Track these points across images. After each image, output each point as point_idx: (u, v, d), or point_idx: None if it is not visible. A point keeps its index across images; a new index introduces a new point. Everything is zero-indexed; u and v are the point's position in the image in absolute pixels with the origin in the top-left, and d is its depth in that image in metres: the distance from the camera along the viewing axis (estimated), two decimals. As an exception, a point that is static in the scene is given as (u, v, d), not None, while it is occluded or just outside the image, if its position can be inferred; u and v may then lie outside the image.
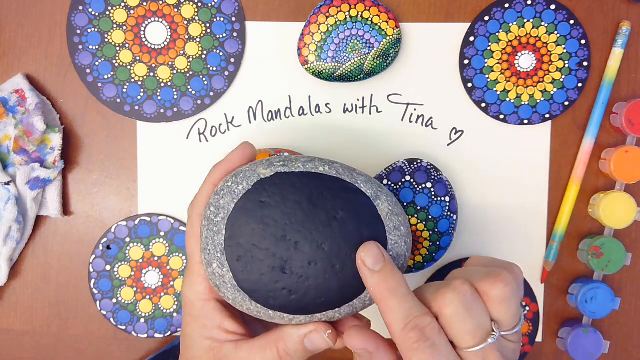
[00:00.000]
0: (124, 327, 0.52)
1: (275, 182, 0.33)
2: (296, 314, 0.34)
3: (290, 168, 0.34)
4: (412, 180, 0.48)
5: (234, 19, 0.50)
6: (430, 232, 0.48)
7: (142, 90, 0.50)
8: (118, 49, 0.50)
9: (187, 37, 0.50)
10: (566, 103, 0.50)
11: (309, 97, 0.51)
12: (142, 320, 0.51)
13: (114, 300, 0.51)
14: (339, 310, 0.34)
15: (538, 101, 0.50)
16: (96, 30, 0.50)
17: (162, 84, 0.50)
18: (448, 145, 0.51)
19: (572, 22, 0.50)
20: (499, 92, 0.50)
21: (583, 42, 0.50)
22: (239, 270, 0.33)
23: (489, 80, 0.50)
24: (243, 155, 0.36)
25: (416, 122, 0.51)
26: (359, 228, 0.33)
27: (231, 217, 0.33)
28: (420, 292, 0.32)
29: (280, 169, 0.34)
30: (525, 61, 0.50)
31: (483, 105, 0.50)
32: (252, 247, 0.33)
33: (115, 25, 0.50)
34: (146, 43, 0.50)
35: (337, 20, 0.49)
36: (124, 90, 0.50)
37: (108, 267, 0.51)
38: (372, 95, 0.51)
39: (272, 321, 0.35)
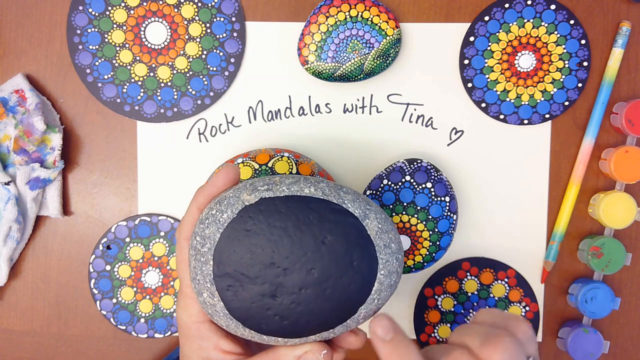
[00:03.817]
0: (124, 327, 0.52)
1: (260, 208, 0.33)
2: (289, 337, 0.34)
3: (274, 192, 0.33)
4: (412, 180, 0.48)
5: (234, 19, 0.50)
6: (430, 232, 0.48)
7: (142, 90, 0.50)
8: (118, 49, 0.50)
9: (187, 37, 0.50)
10: (566, 103, 0.50)
11: (309, 97, 0.51)
12: (142, 320, 0.51)
13: (114, 300, 0.51)
14: (332, 330, 0.34)
15: (538, 101, 0.50)
16: (96, 30, 0.50)
17: (162, 84, 0.50)
18: (448, 145, 0.51)
19: (572, 22, 0.50)
20: (499, 92, 0.50)
21: (583, 42, 0.50)
22: (230, 299, 0.33)
23: (489, 80, 0.50)
24: (227, 179, 0.35)
25: (416, 122, 0.51)
26: (348, 250, 0.33)
27: (217, 247, 0.33)
28: (425, 356, 0.32)
29: (264, 194, 0.33)
30: (525, 61, 0.50)
31: (483, 105, 0.50)
32: (240, 276, 0.33)
33: (115, 25, 0.50)
34: (146, 43, 0.50)
35: (337, 20, 0.49)
36: (124, 90, 0.50)
37: (108, 267, 0.51)
38: (372, 95, 0.51)
39: (267, 343, 0.35)
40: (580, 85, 0.50)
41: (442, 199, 0.48)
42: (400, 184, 0.48)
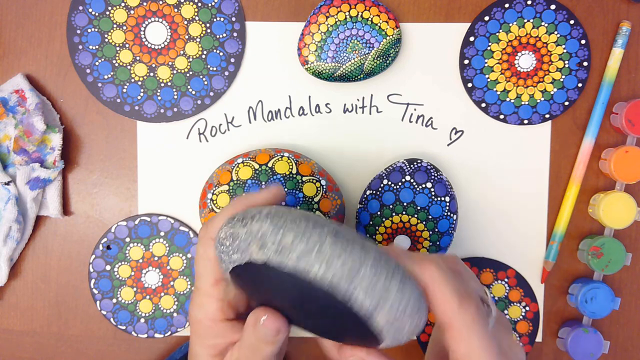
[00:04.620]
0: (124, 327, 0.52)
1: (262, 271, 0.30)
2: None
3: (281, 258, 0.29)
4: (412, 180, 0.48)
5: (234, 19, 0.50)
6: (430, 232, 0.48)
7: (142, 90, 0.50)
8: (118, 49, 0.50)
9: (187, 37, 0.50)
10: (566, 103, 0.50)
11: (309, 97, 0.51)
12: (142, 320, 0.51)
13: (114, 300, 0.51)
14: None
15: (538, 101, 0.50)
16: (96, 30, 0.50)
17: (162, 84, 0.50)
18: (448, 145, 0.51)
19: (572, 22, 0.50)
20: (499, 92, 0.50)
21: (583, 42, 0.50)
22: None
23: (489, 80, 0.50)
24: (271, 199, 0.36)
25: (416, 122, 0.51)
26: (342, 340, 0.33)
27: (230, 273, 0.33)
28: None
29: (271, 257, 0.29)
30: (525, 61, 0.50)
31: (483, 105, 0.50)
32: (249, 295, 0.34)
33: (115, 25, 0.50)
34: (146, 43, 0.50)
35: (337, 20, 0.49)
36: (124, 90, 0.50)
37: (108, 267, 0.51)
38: (372, 95, 0.51)
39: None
40: (580, 85, 0.50)
41: (442, 199, 0.48)
42: (400, 184, 0.48)
